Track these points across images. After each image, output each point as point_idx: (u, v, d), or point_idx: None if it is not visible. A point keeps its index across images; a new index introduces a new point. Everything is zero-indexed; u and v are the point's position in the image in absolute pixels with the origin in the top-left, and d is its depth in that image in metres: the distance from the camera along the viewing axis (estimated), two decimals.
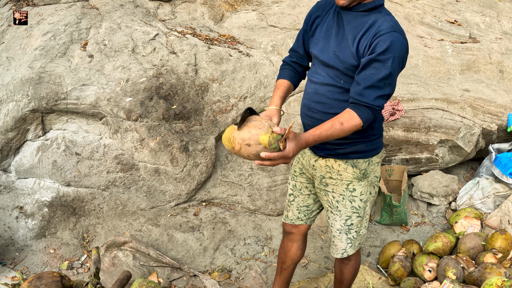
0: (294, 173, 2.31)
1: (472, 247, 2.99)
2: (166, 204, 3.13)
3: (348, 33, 1.89)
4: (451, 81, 3.69)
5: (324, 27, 1.99)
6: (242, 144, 1.61)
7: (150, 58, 3.33)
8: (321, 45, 1.98)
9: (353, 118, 1.82)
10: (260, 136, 1.59)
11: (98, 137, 3.17)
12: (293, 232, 2.40)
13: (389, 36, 1.78)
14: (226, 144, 1.69)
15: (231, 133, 1.64)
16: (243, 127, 1.63)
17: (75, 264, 2.97)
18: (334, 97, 1.96)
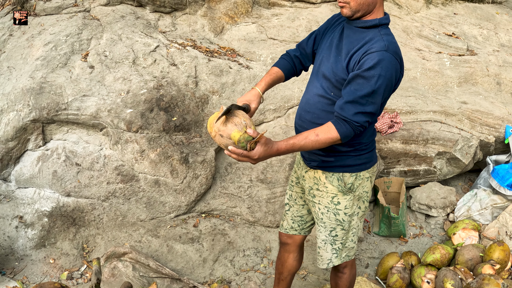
0: (291, 183, 2.34)
1: (470, 259, 3.01)
2: (166, 216, 3.14)
3: (344, 47, 1.93)
4: (449, 94, 3.72)
5: (330, 38, 2.04)
6: (217, 133, 1.76)
7: (151, 69, 3.36)
8: (323, 55, 2.03)
9: (330, 131, 1.83)
10: (232, 132, 1.74)
11: (98, 148, 3.18)
12: (288, 243, 2.41)
13: (378, 55, 1.79)
14: (208, 127, 1.84)
15: (213, 120, 1.79)
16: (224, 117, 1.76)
17: (74, 274, 2.97)
18: (323, 108, 1.98)
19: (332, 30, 2.07)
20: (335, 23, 2.08)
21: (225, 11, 3.95)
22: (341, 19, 2.07)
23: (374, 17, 1.92)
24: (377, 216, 3.50)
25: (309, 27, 3.81)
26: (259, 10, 4.03)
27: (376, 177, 3.51)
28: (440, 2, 4.32)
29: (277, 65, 2.17)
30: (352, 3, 1.87)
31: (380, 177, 3.55)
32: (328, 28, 2.11)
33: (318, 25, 3.86)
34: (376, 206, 3.56)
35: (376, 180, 3.51)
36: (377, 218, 3.50)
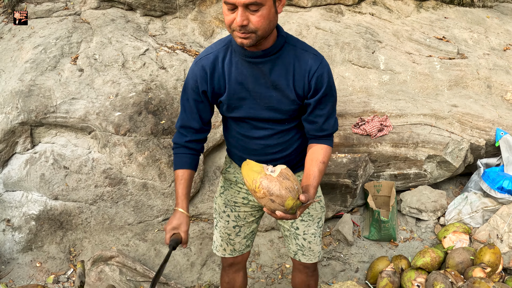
0: (234, 204, 2.15)
1: (461, 262, 2.99)
2: (153, 219, 3.12)
3: (277, 81, 1.76)
4: (439, 97, 3.72)
5: (234, 85, 1.78)
6: (267, 195, 1.57)
7: (140, 73, 3.35)
8: (246, 106, 1.82)
9: (327, 150, 1.84)
10: (287, 200, 1.57)
11: (86, 151, 3.17)
12: (238, 262, 2.30)
13: (321, 69, 1.75)
14: (247, 179, 1.63)
15: (259, 177, 1.59)
16: (275, 178, 1.58)
17: (61, 278, 2.95)
18: (286, 139, 1.93)
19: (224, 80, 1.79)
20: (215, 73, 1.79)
21: (215, 15, 3.95)
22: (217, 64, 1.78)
23: (273, 34, 1.72)
24: (367, 220, 3.49)
25: (299, 31, 3.81)
26: None
27: (366, 180, 3.50)
28: (431, 6, 4.33)
29: (180, 165, 1.91)
30: (260, 31, 1.60)
31: (370, 181, 3.53)
32: (208, 85, 1.81)
33: (308, 29, 3.86)
34: (366, 210, 3.55)
35: (366, 183, 3.50)
36: (367, 222, 3.48)
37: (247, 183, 1.63)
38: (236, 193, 2.14)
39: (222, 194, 2.17)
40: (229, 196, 2.15)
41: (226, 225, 2.18)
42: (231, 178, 2.13)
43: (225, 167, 2.18)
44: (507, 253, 3.14)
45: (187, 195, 1.89)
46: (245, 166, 1.67)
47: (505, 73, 3.89)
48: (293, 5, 4.07)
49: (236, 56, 1.76)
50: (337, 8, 4.12)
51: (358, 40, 3.81)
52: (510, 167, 3.49)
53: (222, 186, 2.18)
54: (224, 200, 2.16)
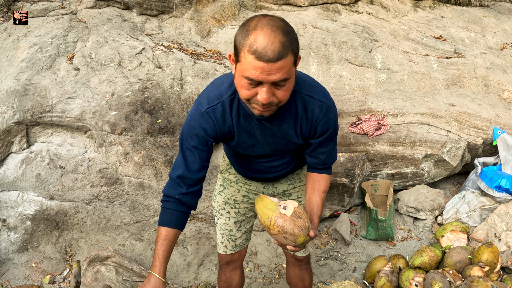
0: (234, 202, 2.15)
1: (459, 261, 2.98)
2: (150, 219, 3.11)
3: (285, 132, 1.74)
4: (437, 96, 3.71)
5: (243, 135, 1.74)
6: (280, 233, 1.64)
7: (136, 72, 3.34)
8: (254, 149, 1.81)
9: (328, 179, 1.88)
10: (299, 238, 1.65)
11: (82, 151, 3.15)
12: (235, 260, 2.29)
13: (326, 116, 1.71)
14: (261, 216, 1.67)
15: (274, 216, 1.64)
16: (289, 218, 1.64)
17: (57, 278, 2.93)
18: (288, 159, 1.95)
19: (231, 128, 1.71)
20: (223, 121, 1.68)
21: (212, 14, 3.95)
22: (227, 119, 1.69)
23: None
24: (365, 219, 3.48)
25: (296, 30, 3.81)
26: (246, 13, 4.03)
27: (364, 180, 3.49)
28: (428, 5, 4.33)
29: (167, 223, 1.70)
30: (283, 102, 1.53)
31: (368, 180, 3.53)
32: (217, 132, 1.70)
33: (305, 28, 3.86)
34: (364, 209, 3.54)
35: (363, 183, 3.49)
36: (365, 221, 3.47)
37: (261, 220, 1.68)
38: (236, 192, 2.14)
39: (222, 193, 2.18)
40: (228, 194, 2.16)
41: (227, 221, 2.18)
42: (231, 178, 2.15)
43: (225, 167, 2.18)
44: (505, 252, 3.14)
45: (167, 258, 1.69)
46: (260, 202, 1.70)
47: (502, 72, 3.90)
48: (290, 4, 4.06)
49: (242, 108, 1.67)
50: (334, 7, 4.12)
51: (355, 39, 3.80)
52: (507, 166, 3.49)
53: (222, 185, 2.19)
54: (224, 198, 2.16)
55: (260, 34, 1.36)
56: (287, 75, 1.42)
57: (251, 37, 1.37)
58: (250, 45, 1.37)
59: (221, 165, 2.21)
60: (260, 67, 1.38)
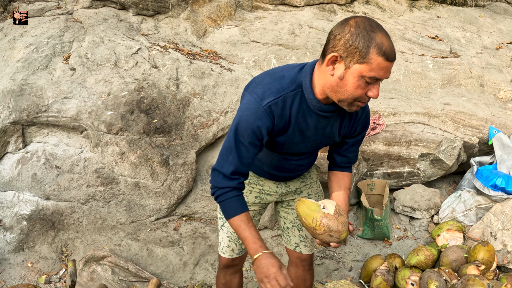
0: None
1: (455, 260, 2.99)
2: (146, 219, 3.11)
3: (333, 131, 1.82)
4: (432, 95, 3.72)
5: (295, 132, 1.76)
6: (327, 232, 1.73)
7: (132, 72, 3.34)
8: (297, 147, 1.85)
9: (351, 177, 1.99)
10: (342, 234, 1.75)
11: (78, 151, 3.15)
12: (236, 264, 2.27)
13: (366, 117, 1.85)
14: (306, 218, 1.75)
15: (319, 216, 1.73)
16: (333, 216, 1.74)
17: (53, 278, 2.93)
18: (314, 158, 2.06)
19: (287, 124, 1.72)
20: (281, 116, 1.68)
21: (208, 14, 3.95)
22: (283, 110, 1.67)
23: None
24: (361, 219, 3.48)
25: (291, 30, 3.82)
26: (242, 13, 4.03)
27: (359, 179, 3.50)
28: (424, 5, 4.34)
29: (241, 209, 1.74)
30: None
31: (363, 179, 3.53)
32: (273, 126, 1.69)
33: (301, 28, 3.87)
34: (360, 209, 3.55)
35: (359, 182, 3.50)
36: (361, 220, 3.48)
37: (306, 222, 1.75)
38: (248, 193, 2.10)
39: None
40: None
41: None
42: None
43: None
44: (501, 251, 3.14)
45: (260, 235, 1.75)
46: (302, 205, 1.76)
47: (497, 72, 3.91)
48: (286, 4, 4.07)
49: (304, 105, 1.68)
50: (330, 7, 4.13)
51: None
52: (503, 165, 3.50)
53: None
54: None
55: (383, 36, 1.46)
56: None
57: (377, 39, 1.45)
58: (378, 47, 1.44)
59: None
60: (386, 66, 1.49)
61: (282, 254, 3.17)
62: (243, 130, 1.65)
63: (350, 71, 1.51)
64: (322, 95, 1.64)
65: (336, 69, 1.54)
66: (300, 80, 1.66)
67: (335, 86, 1.56)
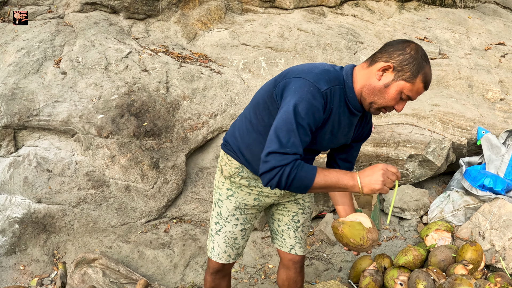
0: (244, 207, 2.12)
1: (443, 259, 3.01)
2: (136, 221, 3.13)
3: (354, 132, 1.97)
4: (421, 96, 3.75)
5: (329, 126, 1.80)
6: (372, 244, 1.90)
7: (123, 75, 3.37)
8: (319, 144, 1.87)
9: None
10: (378, 239, 1.93)
11: (70, 154, 3.18)
12: (228, 268, 2.28)
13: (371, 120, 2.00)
14: (355, 239, 1.88)
15: (365, 233, 1.88)
16: (373, 229, 1.90)
17: (45, 281, 2.95)
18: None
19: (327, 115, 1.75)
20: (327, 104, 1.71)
21: (198, 17, 3.98)
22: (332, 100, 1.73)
23: None
24: None
25: (281, 32, 3.84)
26: (232, 16, 4.06)
27: None
28: (413, 7, 4.37)
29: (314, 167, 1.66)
30: None
31: None
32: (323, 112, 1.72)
33: (290, 31, 3.89)
34: None
35: None
36: None
37: (354, 241, 1.88)
38: (247, 195, 2.09)
39: (231, 197, 2.10)
40: (239, 198, 2.10)
41: (233, 229, 2.13)
42: (243, 182, 2.06)
43: (235, 171, 2.06)
44: (489, 250, 3.17)
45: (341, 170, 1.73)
46: (347, 227, 1.88)
47: (486, 73, 3.94)
48: (276, 7, 4.10)
49: (343, 101, 1.79)
50: (319, 9, 4.15)
51: (340, 41, 3.84)
52: (491, 165, 3.53)
53: (230, 189, 2.10)
54: (235, 203, 2.10)
55: (429, 69, 1.72)
56: None
57: (426, 69, 1.70)
58: (425, 75, 1.70)
59: (224, 170, 2.09)
60: (422, 93, 1.75)
61: (272, 255, 3.20)
62: (303, 111, 1.60)
63: (396, 83, 1.70)
64: (358, 95, 1.78)
65: (384, 77, 1.71)
66: (342, 77, 1.78)
67: (377, 90, 1.72)
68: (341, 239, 1.91)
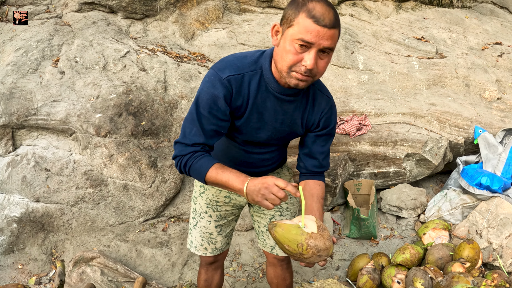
0: (216, 204, 2.12)
1: (440, 258, 3.02)
2: (134, 220, 3.14)
3: (295, 120, 1.79)
4: (418, 96, 3.76)
5: (253, 115, 1.73)
6: (315, 253, 1.50)
7: (121, 75, 3.37)
8: (257, 134, 1.81)
9: (323, 187, 1.87)
10: (330, 249, 1.53)
11: (68, 153, 3.18)
12: (218, 260, 2.30)
13: (330, 111, 1.81)
14: (289, 245, 1.50)
15: (303, 239, 1.49)
16: (318, 235, 1.51)
17: (43, 279, 2.96)
18: (280, 152, 2.03)
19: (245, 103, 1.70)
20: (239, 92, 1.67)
21: (196, 17, 3.98)
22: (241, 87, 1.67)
23: None
24: (348, 219, 3.52)
25: None
26: (230, 16, 4.07)
27: (346, 179, 3.54)
28: (410, 7, 4.38)
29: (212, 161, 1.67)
30: (318, 76, 1.58)
31: (350, 180, 3.57)
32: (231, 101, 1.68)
33: None
34: (347, 209, 3.58)
35: (346, 182, 3.54)
36: (348, 220, 3.51)
37: (289, 249, 1.50)
38: (217, 192, 2.10)
39: (203, 194, 2.14)
40: (210, 196, 2.12)
41: (207, 225, 2.15)
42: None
43: None
44: (486, 248, 3.18)
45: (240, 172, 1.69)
46: (279, 230, 1.51)
47: (483, 72, 3.95)
48: (273, 7, 4.11)
49: (263, 86, 1.68)
50: None
51: None
52: (488, 163, 3.54)
53: (202, 186, 2.15)
54: (206, 200, 2.12)
55: (318, 4, 1.47)
56: (334, 45, 1.50)
57: (309, 5, 1.46)
58: (308, 11, 1.45)
59: None
60: (316, 30, 1.45)
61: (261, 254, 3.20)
62: (203, 101, 1.64)
63: (283, 36, 1.52)
64: (277, 76, 1.63)
65: (276, 38, 1.56)
66: (261, 62, 1.67)
67: (275, 56, 1.56)
68: (280, 247, 1.53)
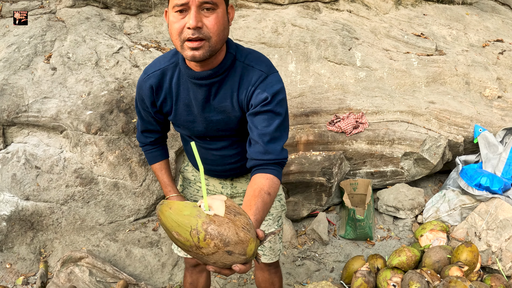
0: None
1: (437, 261, 2.96)
2: (125, 219, 3.09)
3: (223, 104, 1.65)
4: (417, 94, 3.69)
5: (181, 107, 1.70)
6: (220, 247, 1.05)
7: (113, 71, 3.32)
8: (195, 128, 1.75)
9: (273, 181, 1.53)
10: (249, 245, 1.09)
11: (58, 151, 3.13)
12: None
13: (264, 85, 1.57)
14: (179, 231, 1.05)
15: (201, 222, 1.04)
16: (225, 218, 1.07)
17: (30, 279, 2.91)
18: (243, 148, 1.82)
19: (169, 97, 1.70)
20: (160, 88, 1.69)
21: None
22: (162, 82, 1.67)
23: (222, 51, 1.58)
24: (343, 219, 3.46)
25: (275, 28, 3.78)
26: None
27: (342, 178, 3.47)
28: (410, 3, 4.30)
29: (154, 160, 1.99)
30: (214, 37, 1.46)
31: (346, 179, 3.50)
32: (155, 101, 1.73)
33: (284, 26, 3.83)
34: (342, 209, 3.52)
35: (342, 182, 3.47)
36: (343, 220, 3.45)
37: (179, 238, 1.06)
38: (195, 192, 2.11)
39: (182, 193, 2.14)
40: (188, 194, 2.12)
41: None
42: (190, 176, 2.11)
43: (183, 165, 2.16)
44: (485, 251, 3.12)
45: (172, 180, 2.02)
46: (167, 210, 1.07)
47: (483, 70, 3.87)
48: (270, 3, 4.04)
49: (184, 77, 1.63)
50: (314, 5, 4.09)
51: (334, 37, 3.78)
52: (488, 163, 3.47)
53: (181, 185, 2.16)
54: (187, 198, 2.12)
55: None
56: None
57: None
58: None
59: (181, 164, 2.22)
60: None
61: None
62: (136, 99, 1.82)
63: (167, 13, 1.53)
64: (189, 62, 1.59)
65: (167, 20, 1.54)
66: (179, 53, 1.63)
67: (170, 36, 1.52)
68: (169, 235, 1.09)
